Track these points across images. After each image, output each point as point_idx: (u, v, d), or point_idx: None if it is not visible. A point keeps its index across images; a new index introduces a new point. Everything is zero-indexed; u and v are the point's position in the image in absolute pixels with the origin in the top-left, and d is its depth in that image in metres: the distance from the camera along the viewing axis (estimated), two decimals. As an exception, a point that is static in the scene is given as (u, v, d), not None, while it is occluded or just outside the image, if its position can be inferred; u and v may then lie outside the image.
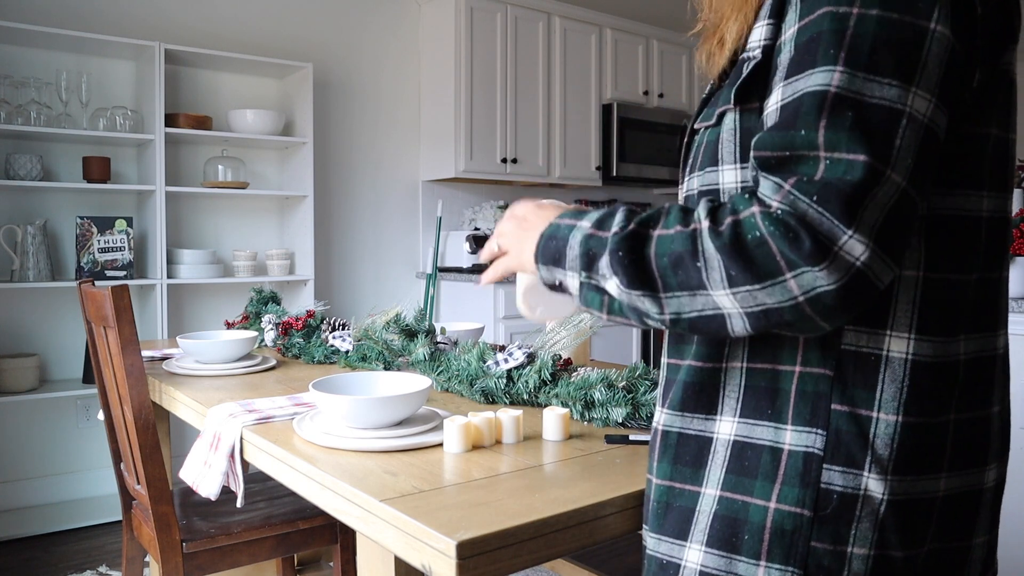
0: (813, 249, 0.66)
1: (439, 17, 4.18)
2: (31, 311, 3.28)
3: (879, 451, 0.75)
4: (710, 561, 0.80)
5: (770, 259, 0.68)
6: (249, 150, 3.81)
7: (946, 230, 0.76)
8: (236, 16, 3.75)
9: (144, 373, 1.60)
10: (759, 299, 0.70)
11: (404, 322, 1.82)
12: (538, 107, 4.39)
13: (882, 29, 0.69)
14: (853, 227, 0.66)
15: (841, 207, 0.66)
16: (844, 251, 0.66)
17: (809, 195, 0.67)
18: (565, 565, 2.27)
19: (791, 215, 0.67)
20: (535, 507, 0.92)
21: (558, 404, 1.40)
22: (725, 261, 0.70)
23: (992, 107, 0.77)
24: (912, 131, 0.68)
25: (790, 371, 0.78)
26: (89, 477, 3.40)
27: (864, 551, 0.75)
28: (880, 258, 0.67)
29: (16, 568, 2.73)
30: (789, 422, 0.78)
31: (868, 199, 0.66)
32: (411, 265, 4.38)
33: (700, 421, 0.84)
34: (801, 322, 0.71)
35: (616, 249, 0.76)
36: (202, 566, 1.67)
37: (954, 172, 0.76)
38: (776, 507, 0.77)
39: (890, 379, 0.75)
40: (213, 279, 3.47)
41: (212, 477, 1.34)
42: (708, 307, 0.73)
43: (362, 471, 1.07)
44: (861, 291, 0.68)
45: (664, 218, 0.76)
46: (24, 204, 3.24)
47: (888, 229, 0.67)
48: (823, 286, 0.67)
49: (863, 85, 0.68)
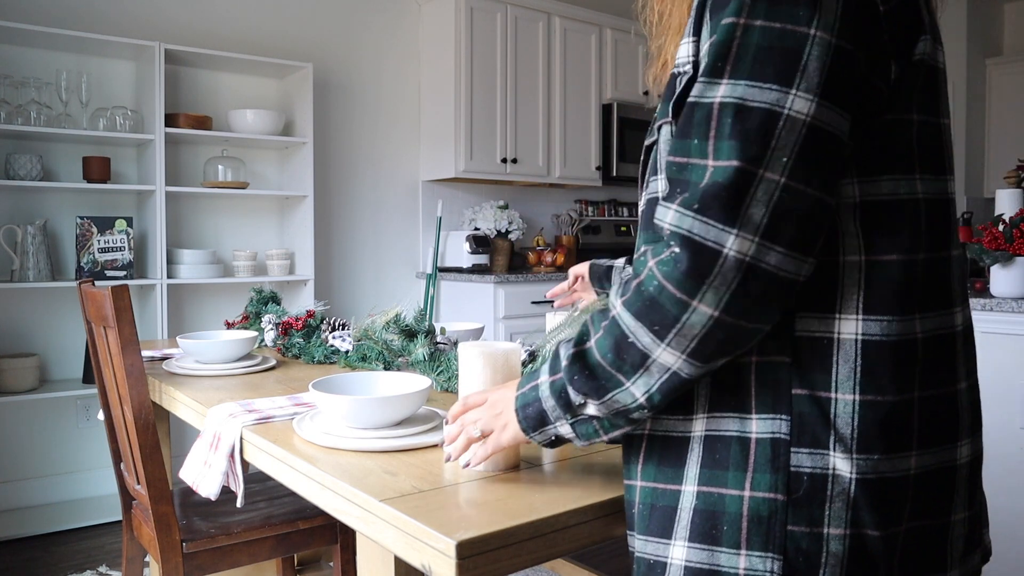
0: (705, 265, 0.72)
1: (439, 17, 4.18)
2: (31, 311, 3.28)
3: (841, 430, 0.78)
4: (693, 556, 0.82)
5: (673, 298, 0.74)
6: (249, 150, 3.81)
7: (882, 214, 0.80)
8: (236, 16, 3.75)
9: (144, 373, 1.60)
10: (689, 334, 0.75)
11: (404, 322, 1.82)
12: (538, 107, 4.39)
13: (764, 38, 0.74)
14: (736, 227, 0.72)
15: (721, 212, 0.72)
16: (735, 252, 0.72)
17: (692, 207, 0.74)
18: (565, 565, 2.27)
19: (679, 239, 0.74)
20: (535, 507, 0.92)
21: (558, 404, 1.39)
22: (644, 323, 0.77)
23: (910, 95, 0.80)
24: (789, 130, 0.73)
25: (748, 362, 0.81)
26: (89, 477, 3.40)
27: (840, 531, 0.77)
28: (776, 251, 0.72)
29: (16, 568, 2.73)
30: (753, 411, 0.80)
31: (748, 199, 0.72)
32: (411, 265, 4.38)
33: (681, 423, 0.86)
34: (739, 332, 0.76)
35: (572, 377, 0.84)
36: (202, 566, 1.67)
37: (881, 159, 0.80)
38: (751, 495, 0.79)
39: (843, 360, 0.78)
40: (213, 279, 3.47)
41: (212, 477, 1.34)
42: (663, 372, 0.78)
43: (362, 471, 1.07)
44: (768, 284, 0.73)
45: (592, 326, 0.83)
46: (24, 204, 3.24)
47: (778, 223, 0.72)
48: (729, 292, 0.73)
49: (744, 91, 0.74)
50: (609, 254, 4.94)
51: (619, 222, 4.98)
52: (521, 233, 4.41)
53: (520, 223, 4.38)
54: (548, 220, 4.86)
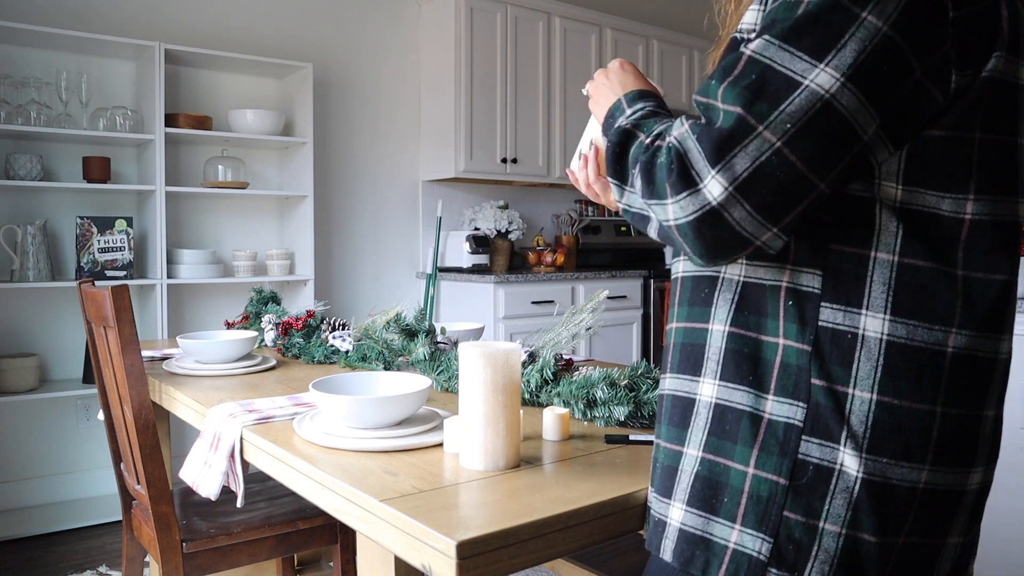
0: (682, 182, 0.75)
1: (439, 17, 4.18)
2: (31, 311, 3.28)
3: (855, 427, 0.77)
4: (689, 520, 0.84)
5: (661, 183, 0.78)
6: (249, 150, 3.81)
7: (921, 223, 0.78)
8: (236, 16, 3.75)
9: (144, 373, 1.60)
10: (655, 212, 0.80)
11: (404, 322, 1.82)
12: (538, 107, 4.39)
13: (817, 9, 0.74)
14: (716, 168, 0.73)
15: (711, 148, 0.74)
16: (706, 189, 0.74)
17: (695, 134, 0.76)
18: (565, 565, 2.27)
19: (679, 150, 0.77)
20: (535, 507, 0.92)
21: (560, 403, 1.40)
22: (642, 177, 0.81)
23: (974, 111, 0.77)
24: (805, 100, 0.72)
25: (774, 342, 0.81)
26: (89, 477, 3.40)
27: (836, 528, 0.77)
28: (743, 207, 0.74)
29: (16, 568, 2.73)
30: (771, 392, 0.81)
31: (738, 148, 0.73)
32: (411, 265, 4.38)
33: (687, 382, 0.87)
34: (685, 247, 0.79)
35: (613, 143, 0.88)
36: (202, 566, 1.67)
37: (928, 175, 0.77)
38: (754, 472, 0.80)
39: (865, 357, 0.78)
40: (213, 279, 3.47)
41: (212, 477, 1.34)
42: (642, 208, 0.83)
43: (362, 471, 1.07)
44: (719, 233, 0.75)
45: (657, 127, 0.86)
46: (24, 204, 3.24)
47: (757, 184, 0.73)
48: (683, 217, 0.76)
49: (776, 53, 0.75)
50: (609, 254, 4.94)
51: (619, 222, 4.98)
52: (521, 233, 4.41)
53: (520, 223, 4.38)
54: (548, 220, 4.86)
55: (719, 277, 0.87)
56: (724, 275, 0.87)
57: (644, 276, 4.48)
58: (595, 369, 1.40)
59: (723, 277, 0.87)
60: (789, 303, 0.81)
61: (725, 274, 0.87)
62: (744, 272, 0.85)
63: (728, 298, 0.86)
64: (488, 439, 1.07)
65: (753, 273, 0.84)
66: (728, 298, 0.86)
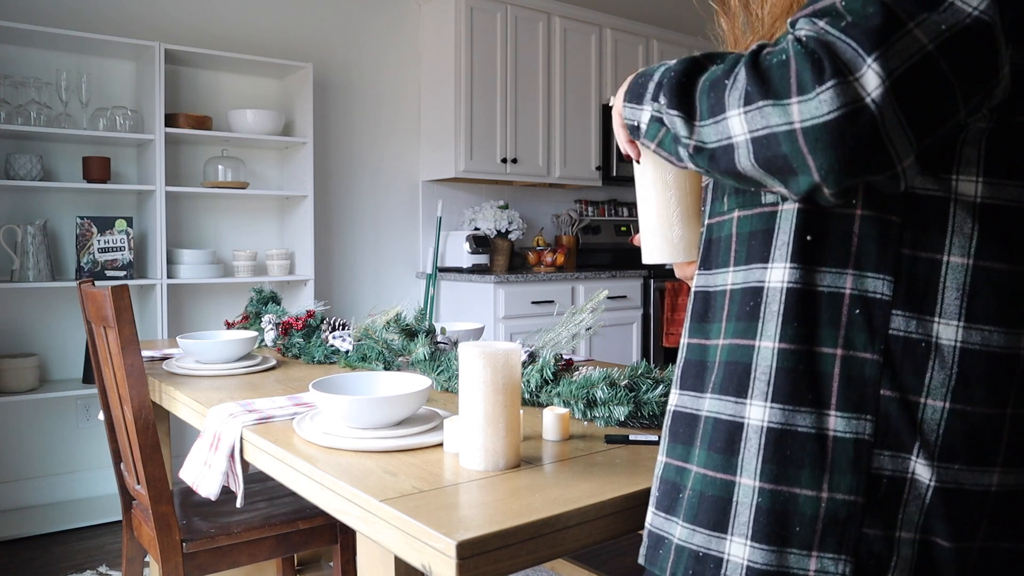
0: (827, 72, 0.65)
1: (439, 17, 4.18)
2: (31, 311, 3.28)
3: (927, 436, 0.74)
4: (758, 556, 0.77)
5: (785, 78, 0.67)
6: (249, 150, 3.81)
7: (1001, 220, 0.75)
8: (236, 16, 3.75)
9: (144, 373, 1.60)
10: (767, 118, 0.68)
11: (404, 322, 1.82)
12: (538, 107, 4.39)
13: None
14: (875, 55, 0.64)
15: (866, 36, 0.64)
16: (859, 82, 0.64)
17: (837, 27, 0.66)
18: (565, 565, 2.27)
19: (817, 42, 0.66)
20: (535, 507, 0.92)
21: (560, 403, 1.40)
22: (748, 79, 0.70)
23: None
24: (954, 10, 0.66)
25: (831, 354, 0.77)
26: (89, 477, 3.40)
27: (911, 535, 0.75)
28: (895, 111, 0.64)
29: (16, 568, 2.73)
30: (833, 408, 0.76)
31: (894, 39, 0.64)
32: (411, 265, 4.38)
33: (731, 404, 0.82)
34: (796, 160, 0.68)
35: (674, 71, 0.77)
36: (202, 566, 1.67)
37: (1010, 162, 0.75)
38: (829, 496, 0.75)
39: (939, 366, 0.74)
40: (213, 279, 3.47)
41: (212, 477, 1.34)
42: (723, 137, 0.72)
43: (362, 471, 1.07)
44: (864, 139, 0.65)
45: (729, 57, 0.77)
46: (24, 204, 3.24)
47: (911, 84, 0.64)
48: (821, 116, 0.65)
49: None
50: (609, 254, 4.94)
51: (619, 222, 4.98)
52: (521, 233, 4.41)
53: (520, 223, 4.38)
54: (548, 220, 4.86)
55: (763, 287, 0.82)
56: (768, 284, 0.81)
57: (644, 276, 4.49)
58: (595, 369, 1.40)
59: (767, 287, 0.81)
60: (856, 311, 0.77)
61: (770, 283, 0.81)
62: (792, 278, 0.79)
63: (774, 310, 0.80)
64: (488, 439, 1.07)
65: (804, 279, 0.79)
66: (774, 310, 0.80)
